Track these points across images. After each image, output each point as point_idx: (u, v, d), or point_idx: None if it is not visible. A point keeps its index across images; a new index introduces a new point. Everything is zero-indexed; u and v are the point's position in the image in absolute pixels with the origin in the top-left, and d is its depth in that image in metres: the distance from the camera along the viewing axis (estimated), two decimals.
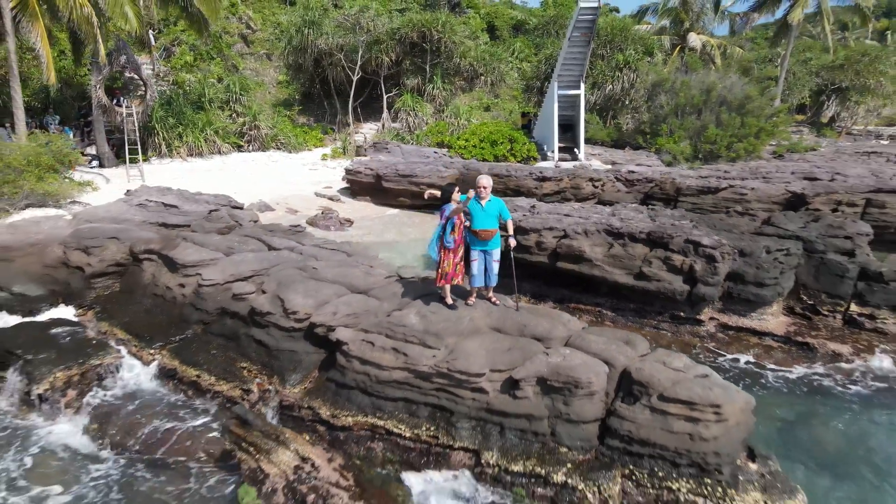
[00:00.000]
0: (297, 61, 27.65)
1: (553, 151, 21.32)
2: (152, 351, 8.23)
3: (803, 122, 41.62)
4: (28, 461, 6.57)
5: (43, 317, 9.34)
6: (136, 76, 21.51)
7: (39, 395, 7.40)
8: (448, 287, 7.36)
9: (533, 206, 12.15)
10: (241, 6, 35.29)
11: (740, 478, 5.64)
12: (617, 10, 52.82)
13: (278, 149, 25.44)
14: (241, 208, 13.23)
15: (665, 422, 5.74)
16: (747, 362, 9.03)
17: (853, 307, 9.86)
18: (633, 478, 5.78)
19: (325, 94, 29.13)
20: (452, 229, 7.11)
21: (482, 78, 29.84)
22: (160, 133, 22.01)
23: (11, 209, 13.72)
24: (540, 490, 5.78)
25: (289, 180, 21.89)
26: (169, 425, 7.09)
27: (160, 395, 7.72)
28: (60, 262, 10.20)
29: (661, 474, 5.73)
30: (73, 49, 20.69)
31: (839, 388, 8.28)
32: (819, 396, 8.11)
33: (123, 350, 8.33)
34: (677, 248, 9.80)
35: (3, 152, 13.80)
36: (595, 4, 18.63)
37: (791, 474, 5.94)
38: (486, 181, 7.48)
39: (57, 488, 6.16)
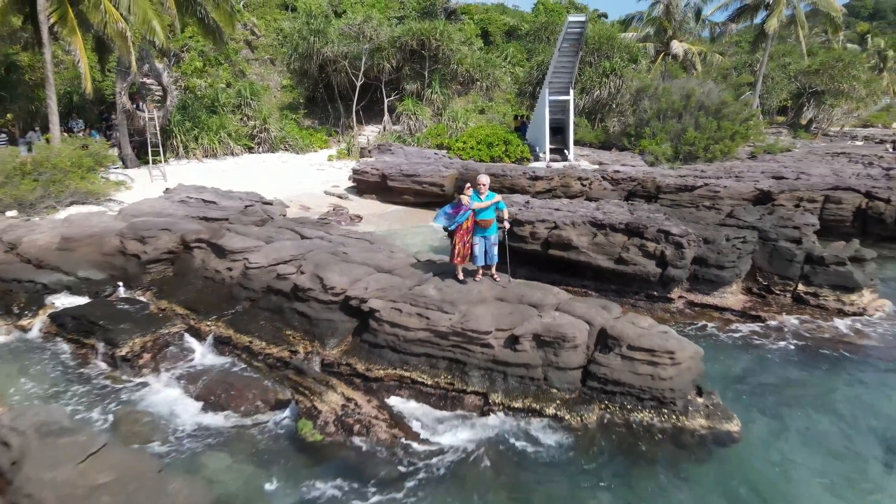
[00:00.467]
0: (303, 67, 29.15)
1: (545, 153, 22.96)
2: (209, 323, 9.76)
3: (783, 124, 43.55)
4: (121, 412, 8.06)
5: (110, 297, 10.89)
6: (155, 82, 22.91)
7: (122, 357, 8.92)
8: (460, 266, 8.95)
9: (527, 202, 13.75)
10: (245, 13, 36.71)
11: (689, 408, 7.26)
12: (605, 16, 54.60)
13: (286, 150, 26.93)
14: (271, 204, 14.74)
15: (632, 366, 7.35)
16: (709, 330, 10.69)
17: (800, 287, 11.53)
18: (609, 410, 7.40)
19: (329, 97, 30.62)
20: (468, 220, 8.59)
21: (478, 83, 31.44)
22: (178, 136, 23.46)
23: (58, 206, 15.21)
24: (535, 420, 7.38)
25: (298, 180, 23.37)
26: (231, 380, 8.62)
27: (219, 358, 9.26)
28: (118, 250, 11.69)
29: (629, 407, 7.35)
30: (98, 58, 22.07)
31: (770, 345, 9.93)
32: (757, 352, 9.75)
33: (184, 322, 9.87)
34: (651, 237, 11.43)
35: (50, 156, 15.25)
36: (582, 19, 20.30)
37: (731, 406, 7.56)
38: (484, 179, 9.05)
39: (152, 435, 7.62)
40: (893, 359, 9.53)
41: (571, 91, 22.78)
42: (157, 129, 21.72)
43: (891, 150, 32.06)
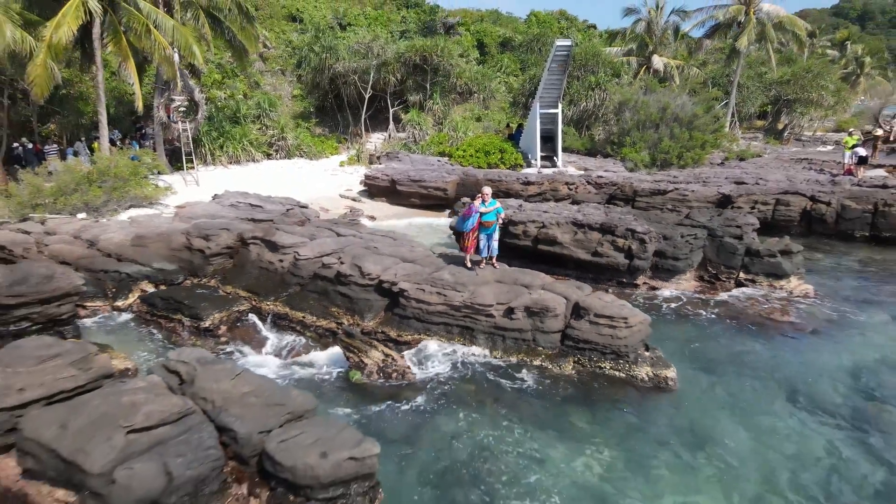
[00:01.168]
0: (315, 80, 31.62)
1: (536, 160, 25.51)
2: (268, 303, 12.25)
3: (762, 128, 46.32)
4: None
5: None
6: (187, 98, 25.30)
7: (205, 329, 11.40)
8: (468, 256, 11.49)
9: (520, 206, 16.28)
10: (259, 27, 39.10)
11: (639, 360, 9.81)
12: (594, 27, 57.21)
13: (301, 157, 29.38)
14: (307, 207, 17.22)
15: (598, 329, 9.89)
16: (664, 308, 13.25)
17: (741, 275, 14.11)
18: (579, 361, 9.94)
19: (338, 107, 33.10)
20: (477, 223, 11.13)
21: (475, 94, 33.98)
22: (206, 144, 25.90)
23: (119, 209, 17.64)
24: (524, 369, 9.92)
25: (314, 184, 25.82)
26: (295, 343, 11.11)
27: (279, 329, 11.75)
28: (184, 246, 14.14)
29: (595, 359, 9.89)
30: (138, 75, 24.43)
31: (711, 318, 12.50)
32: (700, 323, 12.31)
33: (248, 302, 12.35)
34: (620, 234, 13.98)
35: (111, 167, 17.67)
36: (569, 43, 22.88)
37: (671, 359, 10.10)
38: (487, 190, 11.61)
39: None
40: (804, 329, 12.12)
41: (560, 104, 25.36)
42: (190, 139, 24.16)
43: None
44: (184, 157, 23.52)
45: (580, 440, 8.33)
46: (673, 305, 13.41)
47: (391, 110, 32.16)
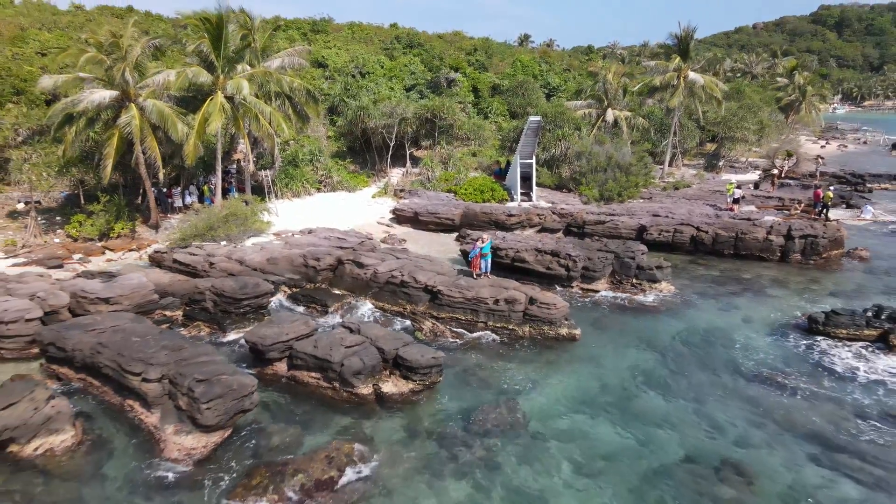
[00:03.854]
0: (350, 129, 40.50)
1: (517, 196, 34.57)
2: (362, 298, 21.24)
3: (707, 154, 55.55)
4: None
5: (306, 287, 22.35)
6: (268, 153, 34.09)
7: (330, 311, 20.35)
8: (474, 272, 20.61)
9: (504, 237, 25.33)
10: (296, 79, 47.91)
11: (562, 325, 18.86)
12: (591, 49, 66.33)
13: (342, 190, 38.25)
14: (372, 239, 26.18)
15: (541, 309, 18.94)
16: (604, 301, 22.30)
17: (634, 280, 23.20)
18: (532, 327, 19.00)
19: (366, 148, 41.96)
20: (478, 253, 20.26)
21: (472, 141, 43.04)
22: (278, 184, 34.75)
23: (245, 237, 26.52)
24: (503, 333, 18.98)
25: (355, 213, 34.63)
26: (380, 318, 20.08)
27: (374, 315, 20.70)
28: (302, 264, 23.06)
29: (540, 326, 18.94)
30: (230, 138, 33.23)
31: (611, 305, 21.56)
32: (604, 307, 21.36)
33: (349, 297, 21.33)
34: (563, 256, 23.03)
35: (238, 209, 26.50)
36: (539, 118, 32.02)
37: (581, 325, 19.16)
38: (485, 236, 20.75)
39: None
40: (660, 310, 21.23)
41: (534, 156, 34.43)
42: (270, 182, 33.01)
43: (762, 176, 43.99)
44: (266, 196, 32.37)
45: (531, 362, 17.39)
46: (591, 298, 22.51)
47: (408, 151, 41.11)
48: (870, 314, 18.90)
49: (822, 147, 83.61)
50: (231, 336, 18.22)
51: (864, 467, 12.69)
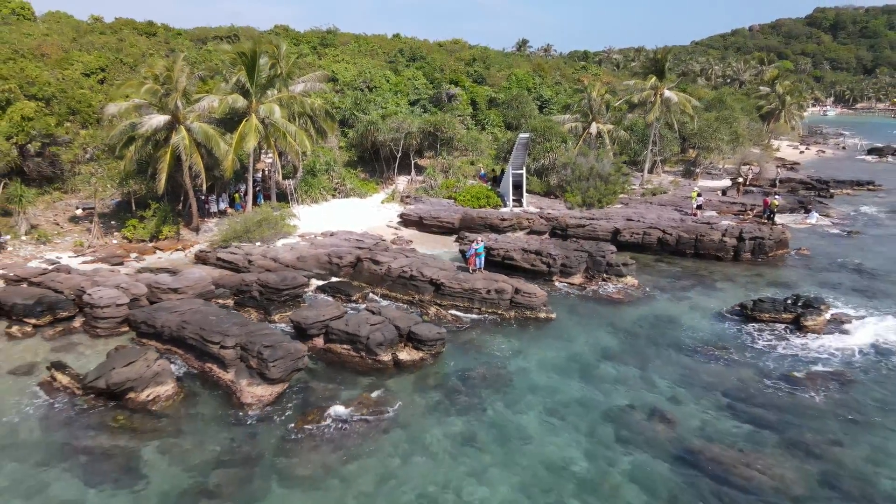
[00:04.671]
0: (360, 141, 44.78)
1: (509, 202, 38.88)
2: (377, 289, 25.57)
3: (687, 162, 59.79)
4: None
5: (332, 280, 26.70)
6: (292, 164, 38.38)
7: (353, 300, 24.66)
8: (471, 267, 24.96)
9: (496, 239, 29.66)
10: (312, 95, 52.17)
11: (541, 310, 23.18)
12: (587, 55, 70.58)
13: (354, 196, 42.53)
14: (385, 240, 30.48)
15: (524, 298, 23.26)
16: (577, 294, 26.63)
17: (604, 275, 27.52)
18: (516, 311, 23.32)
19: (375, 158, 46.22)
20: (474, 252, 24.64)
21: (470, 151, 47.35)
22: (298, 191, 39.04)
23: (275, 239, 30.82)
24: (492, 315, 23.33)
25: (367, 217, 38.90)
26: (393, 305, 24.41)
27: (387, 300, 25.02)
28: (327, 261, 27.39)
29: (523, 310, 23.25)
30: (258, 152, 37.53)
31: (585, 295, 25.87)
32: (578, 297, 25.68)
33: (367, 289, 25.66)
34: (545, 254, 27.37)
35: (269, 215, 30.80)
36: (528, 135, 36.26)
37: (555, 309, 23.49)
38: (480, 238, 25.08)
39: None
40: (624, 301, 25.55)
41: (524, 167, 38.77)
42: (293, 189, 37.31)
43: (729, 184, 48.22)
44: (290, 201, 36.69)
45: (515, 338, 21.72)
46: (568, 289, 26.84)
47: (413, 161, 45.41)
48: (788, 301, 23.26)
49: (801, 153, 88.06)
50: (276, 318, 22.54)
51: (761, 413, 16.98)
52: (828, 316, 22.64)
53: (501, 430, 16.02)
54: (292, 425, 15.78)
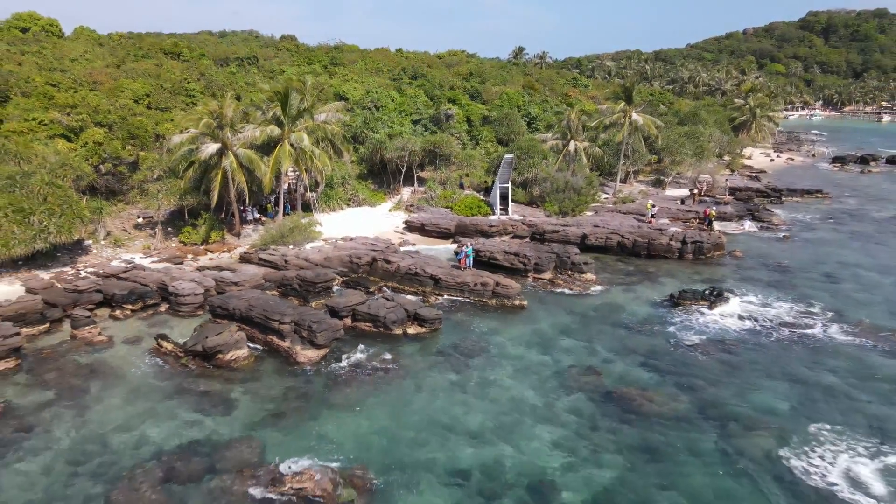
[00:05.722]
0: (370, 158, 51.36)
1: (497, 211, 45.49)
2: (389, 283, 32.22)
3: (658, 172, 66.21)
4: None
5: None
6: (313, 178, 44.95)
7: (370, 292, 31.30)
8: (462, 266, 31.66)
9: (484, 242, 36.31)
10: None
11: (516, 299, 29.81)
12: (581, 63, 77.08)
13: (366, 206, 49.09)
14: (394, 243, 37.11)
15: (503, 289, 29.85)
16: (547, 288, 33.25)
17: (568, 272, 34.12)
18: (496, 300, 29.98)
19: (383, 171, 52.76)
20: (464, 255, 31.36)
21: (465, 167, 53.99)
22: (319, 201, 45.59)
23: (306, 243, 37.44)
24: (478, 303, 30.00)
25: (378, 223, 45.40)
26: (398, 295, 31.07)
27: (396, 292, 31.66)
28: (348, 261, 34.01)
29: (502, 299, 29.88)
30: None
31: (552, 290, 32.48)
32: (547, 291, 32.28)
33: (382, 283, 32.31)
34: (521, 255, 33.99)
35: (299, 223, 37.38)
36: (512, 156, 42.86)
37: (527, 298, 30.12)
38: (469, 242, 31.80)
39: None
40: (583, 293, 32.17)
41: (509, 181, 45.38)
42: (315, 200, 43.90)
43: (686, 194, 54.74)
44: (313, 210, 43.31)
45: (495, 319, 28.34)
46: (538, 284, 33.45)
47: (415, 174, 52.01)
48: (706, 292, 29.91)
49: (772, 161, 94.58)
50: (312, 304, 29.14)
51: (663, 366, 23.60)
52: (733, 302, 29.30)
53: (481, 380, 22.67)
54: (336, 376, 22.46)
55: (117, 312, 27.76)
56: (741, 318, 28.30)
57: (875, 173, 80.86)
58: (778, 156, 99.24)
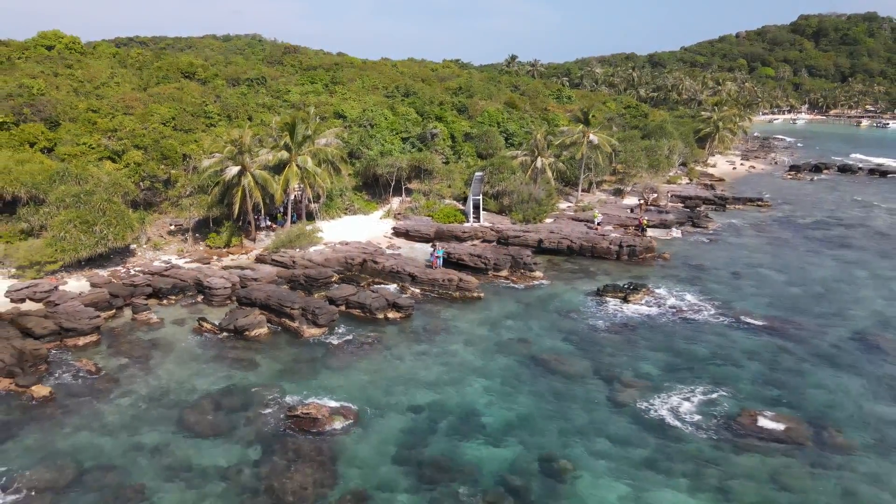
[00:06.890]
0: (364, 171, 58.91)
1: (470, 218, 53.04)
2: (376, 279, 39.81)
3: (620, 181, 73.63)
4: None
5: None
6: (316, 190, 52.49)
7: (360, 285, 38.92)
8: (434, 265, 39.28)
9: (454, 246, 43.91)
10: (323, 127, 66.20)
11: (475, 292, 37.38)
12: (570, 71, 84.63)
13: (360, 214, 56.59)
14: (382, 247, 44.69)
15: (464, 284, 37.37)
16: (504, 283, 40.80)
17: (521, 270, 41.66)
18: (460, 293, 37.62)
19: (375, 184, 60.26)
20: (435, 257, 39.02)
21: (446, 180, 61.57)
22: (320, 211, 53.13)
23: (310, 246, 45.01)
24: (445, 296, 37.60)
25: (370, 229, 52.86)
26: (385, 289, 38.66)
27: (381, 286, 39.23)
28: (344, 262, 41.58)
29: (464, 292, 37.50)
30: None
31: (509, 286, 40.02)
32: (504, 287, 39.81)
33: (371, 281, 39.90)
34: (483, 257, 41.54)
35: (305, 230, 44.93)
36: (482, 173, 50.46)
37: (484, 291, 37.67)
38: (441, 244, 39.47)
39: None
40: (533, 288, 39.72)
41: (480, 194, 52.99)
42: (317, 210, 51.49)
43: (635, 205, 62.28)
44: (315, 219, 50.90)
45: (457, 308, 35.91)
46: (497, 280, 41.00)
47: (403, 186, 59.56)
48: (624, 285, 37.51)
49: (734, 169, 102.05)
50: (315, 296, 36.69)
51: (578, 341, 31.17)
52: (646, 295, 36.91)
53: (440, 350, 30.25)
54: (334, 346, 30.09)
55: (164, 302, 35.32)
56: (648, 306, 35.91)
57: (821, 181, 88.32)
58: (742, 164, 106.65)
